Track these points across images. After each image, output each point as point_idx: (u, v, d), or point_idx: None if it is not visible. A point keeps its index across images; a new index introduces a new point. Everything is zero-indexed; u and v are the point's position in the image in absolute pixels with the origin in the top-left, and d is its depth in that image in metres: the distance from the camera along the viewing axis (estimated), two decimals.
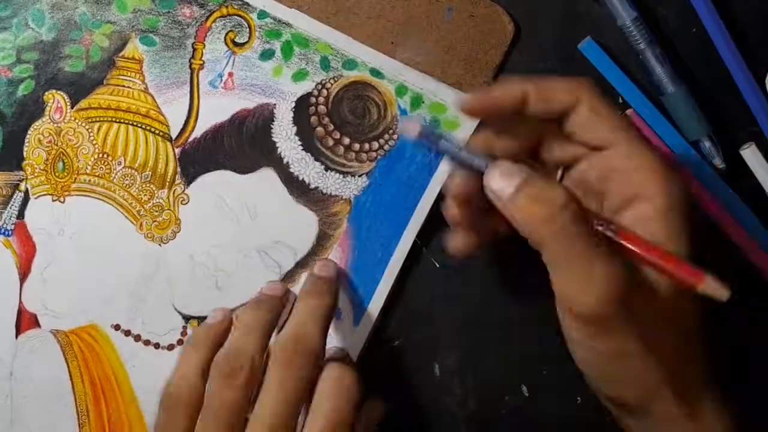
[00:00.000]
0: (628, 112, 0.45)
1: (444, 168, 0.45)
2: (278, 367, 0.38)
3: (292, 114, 0.45)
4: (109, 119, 0.46)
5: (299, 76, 0.45)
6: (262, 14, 0.45)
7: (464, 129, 0.45)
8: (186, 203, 0.46)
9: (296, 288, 0.46)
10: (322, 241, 0.46)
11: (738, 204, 0.45)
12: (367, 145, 0.45)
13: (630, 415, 0.38)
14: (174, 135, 0.46)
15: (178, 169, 0.46)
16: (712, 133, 0.44)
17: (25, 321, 0.46)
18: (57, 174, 0.45)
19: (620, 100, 0.45)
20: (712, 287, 0.34)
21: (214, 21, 0.45)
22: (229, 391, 0.38)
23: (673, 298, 0.35)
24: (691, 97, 0.44)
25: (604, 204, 0.37)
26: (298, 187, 0.46)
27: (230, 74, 0.45)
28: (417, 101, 0.45)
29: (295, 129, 0.45)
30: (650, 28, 0.44)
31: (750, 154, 0.45)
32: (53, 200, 0.45)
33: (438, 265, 0.46)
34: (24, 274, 0.46)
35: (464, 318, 0.47)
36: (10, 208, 0.45)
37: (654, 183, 0.35)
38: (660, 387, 0.36)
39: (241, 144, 0.45)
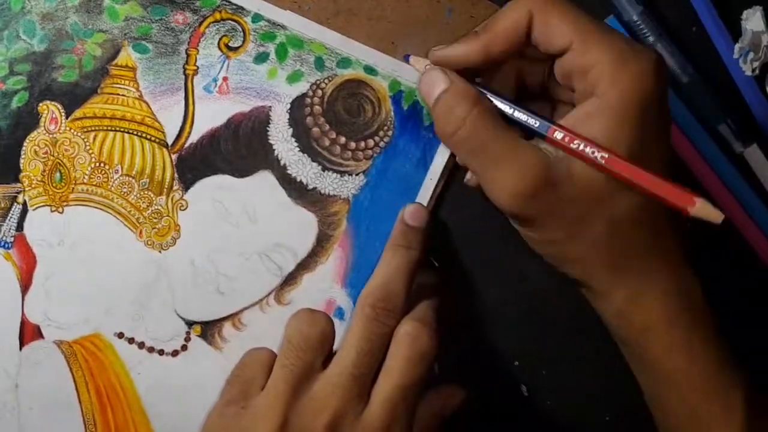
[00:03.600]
0: None
1: (439, 162, 0.45)
2: (364, 321, 0.38)
3: (287, 116, 0.46)
4: (105, 128, 0.46)
5: (294, 77, 0.46)
6: (257, 17, 0.45)
7: None
8: (185, 209, 0.46)
9: (297, 289, 0.46)
10: (322, 241, 0.46)
11: (752, 198, 0.45)
12: (363, 143, 0.46)
13: (581, 288, 0.39)
14: (170, 141, 0.46)
15: (176, 175, 0.46)
16: (728, 118, 0.45)
17: (29, 333, 0.45)
18: (54, 185, 0.45)
19: None
20: (705, 210, 0.33)
21: (207, 26, 0.45)
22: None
23: (602, 185, 0.35)
24: (706, 84, 0.45)
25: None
26: (296, 189, 0.46)
27: (225, 78, 0.46)
28: (410, 95, 0.46)
29: (291, 131, 0.46)
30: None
31: (752, 153, 0.45)
32: (52, 211, 0.45)
33: (437, 264, 0.46)
34: (25, 286, 0.45)
35: (464, 318, 0.47)
36: (9, 220, 0.45)
37: (604, 79, 0.35)
38: (594, 268, 0.37)
39: (238, 148, 0.46)
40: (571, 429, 0.47)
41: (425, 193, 0.45)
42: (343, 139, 0.46)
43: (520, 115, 0.37)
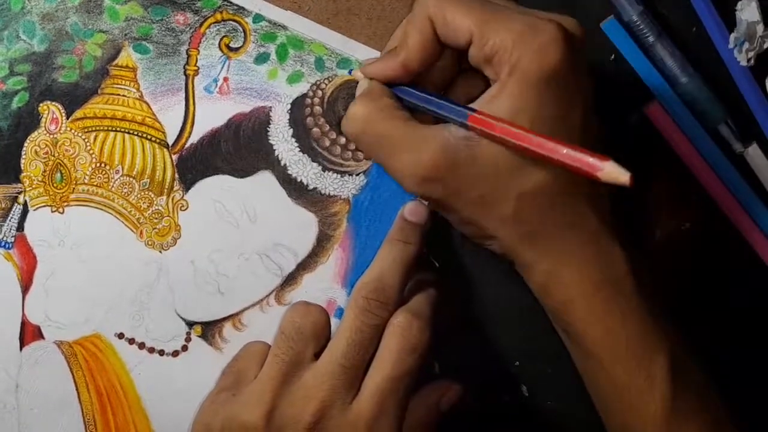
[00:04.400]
0: (652, 106, 0.45)
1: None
2: (355, 312, 0.38)
3: (288, 116, 0.46)
4: (105, 128, 0.46)
5: (294, 78, 0.46)
6: (258, 18, 0.45)
7: None
8: (185, 209, 0.46)
9: (298, 289, 0.46)
10: (322, 241, 0.46)
11: (752, 198, 0.45)
12: None
13: (507, 263, 0.40)
14: (171, 141, 0.46)
15: (176, 176, 0.46)
16: (729, 118, 0.45)
17: (29, 333, 0.45)
18: (55, 185, 0.45)
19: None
20: (614, 174, 0.32)
21: (208, 27, 0.45)
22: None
23: (508, 162, 0.36)
24: (706, 85, 0.45)
25: None
26: (296, 189, 0.46)
27: (225, 79, 0.46)
28: None
29: (291, 131, 0.46)
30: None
31: (752, 153, 0.45)
32: (52, 211, 0.45)
33: (438, 264, 0.46)
34: (26, 286, 0.46)
35: (464, 318, 0.47)
36: (10, 220, 0.45)
37: (504, 64, 0.35)
38: (512, 243, 0.37)
39: (238, 148, 0.46)
40: (571, 429, 0.47)
41: None
42: (343, 140, 0.46)
43: (428, 108, 0.37)
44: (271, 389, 0.37)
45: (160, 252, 0.46)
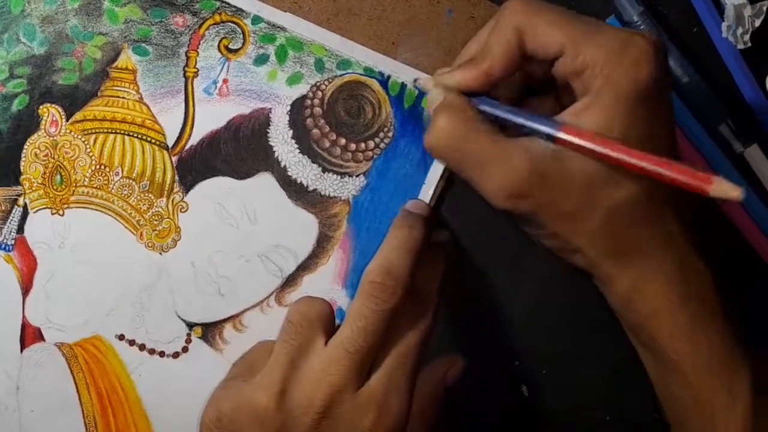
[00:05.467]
0: None
1: (439, 164, 0.45)
2: (363, 298, 0.38)
3: (287, 117, 0.46)
4: (105, 130, 0.46)
5: (294, 79, 0.46)
6: (256, 19, 0.45)
7: None
8: (185, 211, 0.46)
9: (298, 290, 0.46)
10: (322, 243, 0.46)
11: (752, 197, 0.45)
12: (363, 145, 0.46)
13: (587, 277, 0.39)
14: (170, 143, 0.46)
15: (176, 178, 0.46)
16: (729, 118, 0.45)
17: (30, 335, 0.46)
18: (55, 187, 0.45)
19: None
20: (723, 188, 0.32)
21: (207, 29, 0.45)
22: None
23: (599, 175, 0.36)
24: (706, 84, 0.45)
25: None
26: (296, 190, 0.46)
27: (225, 81, 0.46)
28: (410, 97, 0.46)
29: (291, 132, 0.46)
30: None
31: (753, 153, 0.45)
32: (52, 213, 0.45)
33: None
34: (26, 288, 0.46)
35: (464, 317, 0.47)
36: (10, 223, 0.45)
37: (597, 78, 0.35)
38: (597, 257, 0.37)
39: (238, 150, 0.46)
40: (571, 429, 0.47)
41: (425, 195, 0.45)
42: (343, 141, 0.46)
43: (515, 120, 0.37)
44: (281, 373, 0.38)
45: (161, 254, 0.46)
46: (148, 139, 0.46)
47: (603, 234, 0.37)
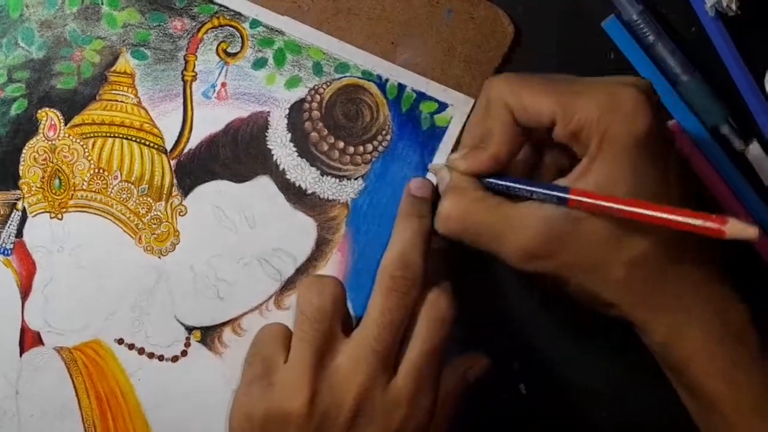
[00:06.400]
0: (671, 124, 0.45)
1: (439, 162, 0.45)
2: (384, 292, 0.38)
3: (286, 121, 0.46)
4: (104, 134, 0.46)
5: (292, 82, 0.46)
6: (255, 23, 0.45)
7: (454, 124, 0.45)
8: (184, 215, 0.46)
9: (296, 294, 0.46)
10: (321, 246, 0.46)
11: (753, 196, 0.45)
12: (361, 148, 0.46)
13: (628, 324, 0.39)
14: (169, 147, 0.46)
15: (175, 181, 0.46)
16: (729, 116, 0.45)
17: (29, 339, 0.46)
18: (54, 191, 0.45)
19: None
20: (738, 229, 0.32)
21: (205, 32, 0.46)
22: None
23: (614, 230, 0.36)
24: (706, 83, 0.45)
25: None
26: (295, 194, 0.46)
27: (223, 84, 0.46)
28: (408, 100, 0.46)
29: (289, 135, 0.46)
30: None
31: (753, 152, 0.45)
32: (51, 217, 0.46)
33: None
34: (25, 292, 0.46)
35: (464, 318, 0.47)
36: (9, 227, 0.45)
37: (592, 138, 0.36)
38: (628, 308, 0.38)
39: (237, 153, 0.46)
40: (571, 429, 0.47)
41: None
42: (341, 144, 0.46)
43: (525, 191, 0.38)
44: (309, 374, 0.37)
45: (159, 257, 0.46)
46: (147, 142, 0.46)
47: (629, 286, 0.37)
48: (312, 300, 0.39)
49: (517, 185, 0.38)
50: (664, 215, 0.34)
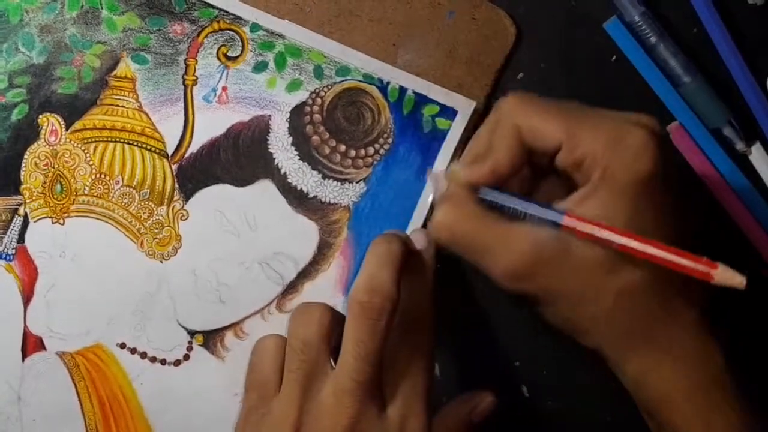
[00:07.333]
0: (673, 126, 0.45)
1: (439, 170, 0.45)
2: (356, 321, 0.37)
3: (287, 124, 0.46)
4: (105, 139, 0.46)
5: (293, 86, 0.46)
6: (255, 27, 0.45)
7: (456, 127, 0.45)
8: (185, 219, 0.46)
9: (299, 297, 0.46)
10: (323, 249, 0.46)
11: (755, 196, 0.45)
12: (362, 151, 0.46)
13: (597, 356, 0.39)
14: (170, 151, 0.46)
15: (176, 186, 0.46)
16: (731, 118, 0.45)
17: (31, 344, 0.46)
18: (55, 196, 0.45)
19: None
20: (726, 276, 0.33)
21: (205, 36, 0.45)
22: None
23: (605, 259, 0.36)
24: (708, 84, 0.45)
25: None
26: (296, 197, 0.46)
27: (224, 88, 0.46)
28: (409, 103, 0.46)
29: (291, 139, 0.46)
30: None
31: (755, 153, 0.45)
32: (53, 223, 0.46)
33: (438, 266, 0.46)
34: (27, 297, 0.46)
35: (464, 318, 0.47)
36: (10, 232, 0.45)
37: (596, 169, 0.36)
38: (605, 339, 0.38)
39: (238, 157, 0.46)
40: (572, 429, 0.47)
41: (425, 200, 0.46)
42: (343, 147, 0.46)
43: (519, 208, 0.38)
44: (295, 407, 0.37)
45: (161, 262, 0.46)
46: (148, 147, 0.46)
47: (611, 317, 0.37)
48: (297, 332, 0.38)
49: (513, 200, 0.38)
50: (655, 251, 0.34)
